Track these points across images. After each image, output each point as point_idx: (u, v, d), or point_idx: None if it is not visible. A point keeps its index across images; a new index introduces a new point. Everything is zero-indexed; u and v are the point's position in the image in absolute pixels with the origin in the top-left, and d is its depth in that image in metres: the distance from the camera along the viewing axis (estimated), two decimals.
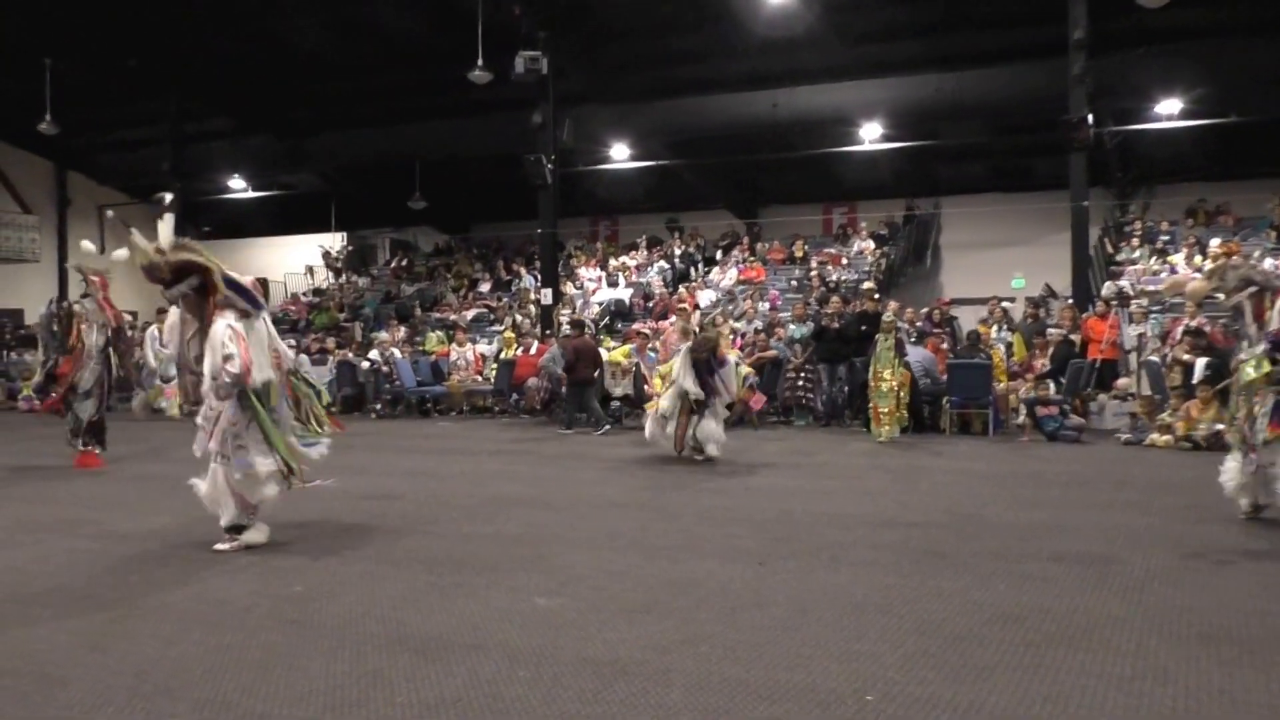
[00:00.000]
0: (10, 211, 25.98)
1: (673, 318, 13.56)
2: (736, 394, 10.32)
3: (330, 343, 19.33)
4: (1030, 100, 17.73)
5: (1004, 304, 16.49)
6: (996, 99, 18.16)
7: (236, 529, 5.71)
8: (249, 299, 5.74)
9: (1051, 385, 12.42)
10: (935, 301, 17.71)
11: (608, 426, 13.31)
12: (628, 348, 14.76)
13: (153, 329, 15.51)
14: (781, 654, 3.78)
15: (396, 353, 16.92)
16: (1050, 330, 13.88)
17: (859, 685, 3.45)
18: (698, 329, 10.11)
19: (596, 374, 13.96)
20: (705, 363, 9.74)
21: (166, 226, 5.65)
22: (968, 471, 9.20)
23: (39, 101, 21.39)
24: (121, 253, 6.21)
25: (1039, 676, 3.52)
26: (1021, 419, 12.55)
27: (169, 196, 5.90)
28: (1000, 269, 21.66)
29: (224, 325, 5.55)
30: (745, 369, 10.66)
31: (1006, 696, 3.34)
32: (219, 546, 5.63)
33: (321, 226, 28.19)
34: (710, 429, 9.80)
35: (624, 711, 3.24)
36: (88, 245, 8.41)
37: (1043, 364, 13.09)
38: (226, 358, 5.48)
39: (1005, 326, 15.06)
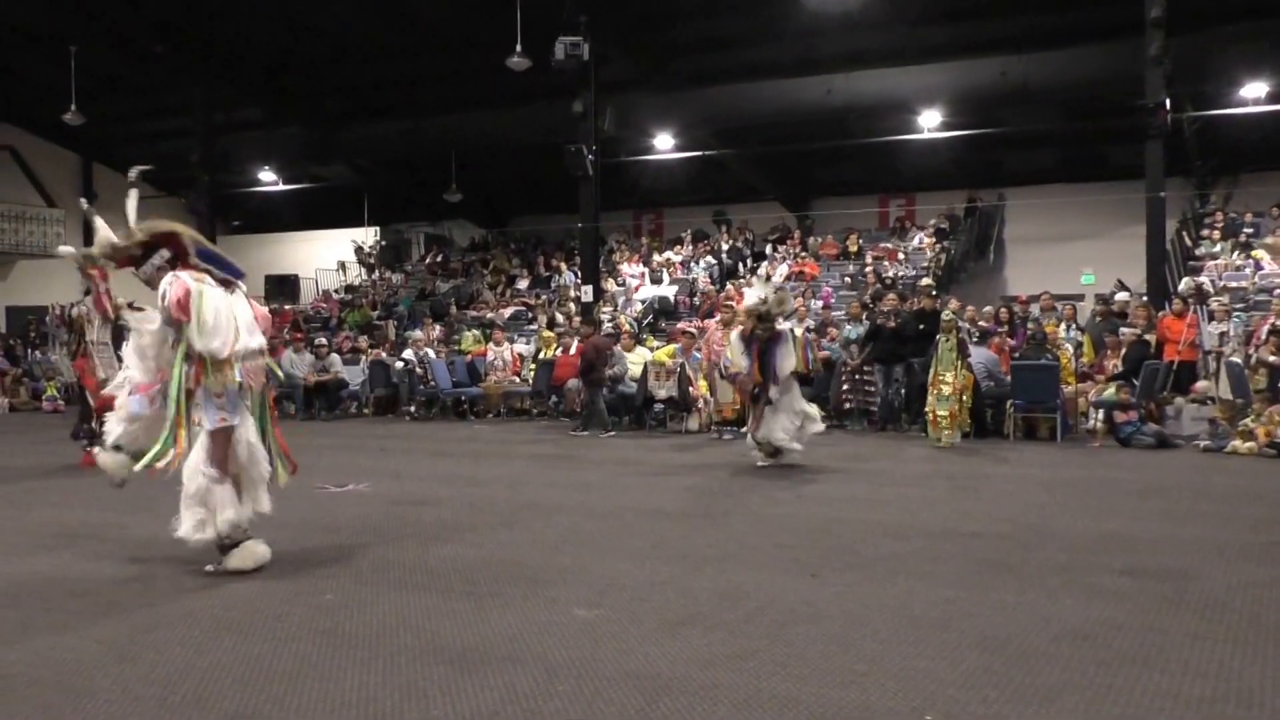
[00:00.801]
0: (34, 205, 26.54)
1: (717, 315, 13.53)
2: (806, 364, 9.99)
3: (363, 342, 19.58)
4: (1103, 83, 17.52)
5: (1060, 302, 16.23)
6: (1066, 82, 17.95)
7: (230, 544, 5.37)
8: (224, 267, 5.56)
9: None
10: (1017, 299, 17.50)
11: (611, 432, 13.66)
12: (672, 348, 14.79)
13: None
14: (834, 670, 3.77)
15: (431, 352, 17.07)
16: (1123, 330, 13.69)
17: (917, 704, 3.42)
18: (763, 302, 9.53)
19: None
20: (762, 339, 9.39)
21: (132, 202, 5.60)
22: (1033, 479, 9.10)
23: (64, 91, 21.83)
24: (66, 249, 6.17)
25: (1111, 698, 3.47)
26: (1092, 423, 12.40)
27: (136, 171, 5.73)
28: (1069, 264, 21.43)
29: (171, 274, 5.36)
30: (800, 330, 10.39)
31: (1076, 718, 3.30)
32: (209, 568, 5.40)
33: (354, 220, 28.54)
34: (782, 422, 9.48)
35: None
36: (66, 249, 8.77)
37: (1114, 365, 12.91)
38: (162, 297, 5.32)
39: (1074, 325, 14.88)
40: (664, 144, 22.20)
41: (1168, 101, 15.51)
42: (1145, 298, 15.39)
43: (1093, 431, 12.26)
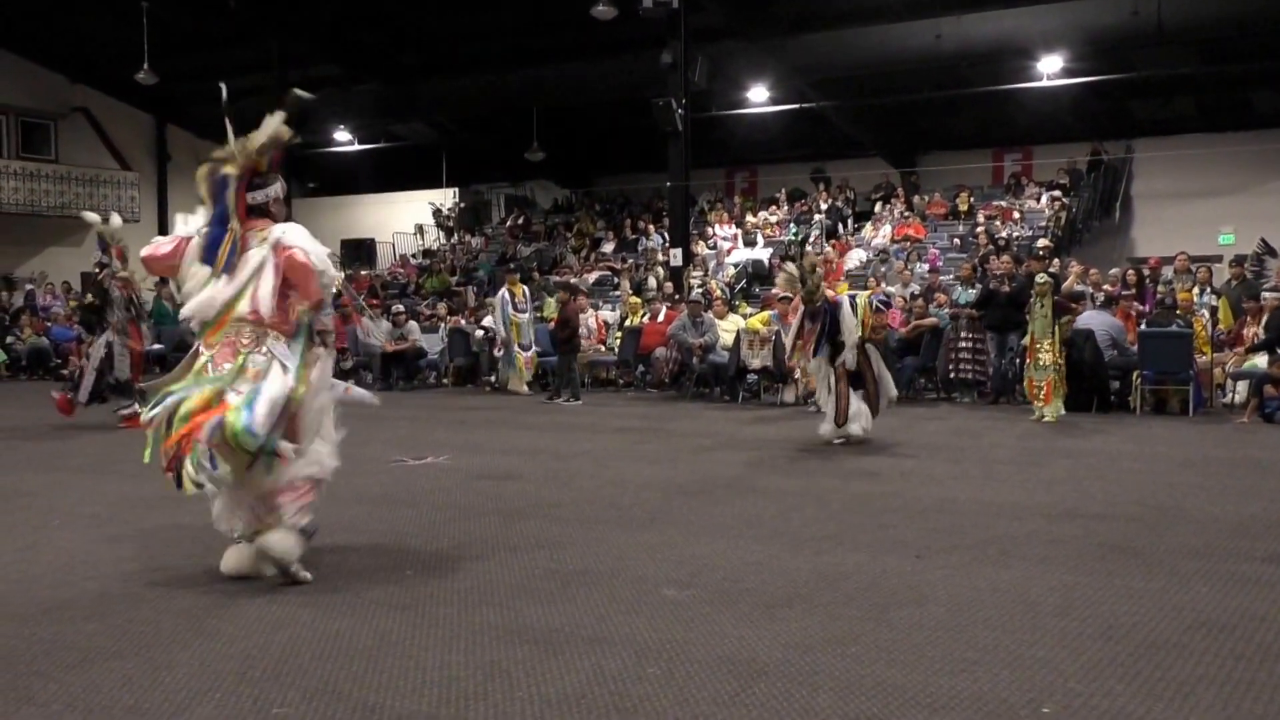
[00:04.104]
0: (108, 168, 27.29)
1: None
2: (866, 329, 9.87)
3: (441, 308, 19.81)
4: (1249, 20, 16.82)
5: (1194, 264, 15.71)
6: (1206, 20, 17.28)
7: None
8: None
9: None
10: (1145, 261, 17.03)
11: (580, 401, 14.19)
12: (767, 314, 14.69)
13: (504, 292, 15.89)
14: (942, 657, 3.73)
15: None
16: (1265, 294, 13.22)
17: (1033, 695, 3.37)
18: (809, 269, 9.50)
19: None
20: (820, 311, 9.30)
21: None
22: (1164, 457, 8.88)
23: (136, 50, 22.40)
24: (91, 216, 6.22)
25: (1251, 694, 3.37)
26: (1229, 397, 12.00)
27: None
28: (1205, 222, 20.76)
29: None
30: (863, 296, 10.26)
31: (1211, 716, 3.22)
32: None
33: (432, 182, 28.86)
34: (858, 406, 9.48)
35: (764, 715, 3.25)
36: (112, 219, 10.94)
37: (1254, 334, 12.48)
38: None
39: (1209, 288, 14.41)
40: (759, 97, 21.99)
41: None
42: None
43: (1230, 405, 11.87)
